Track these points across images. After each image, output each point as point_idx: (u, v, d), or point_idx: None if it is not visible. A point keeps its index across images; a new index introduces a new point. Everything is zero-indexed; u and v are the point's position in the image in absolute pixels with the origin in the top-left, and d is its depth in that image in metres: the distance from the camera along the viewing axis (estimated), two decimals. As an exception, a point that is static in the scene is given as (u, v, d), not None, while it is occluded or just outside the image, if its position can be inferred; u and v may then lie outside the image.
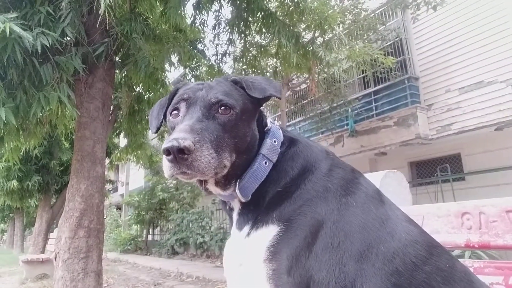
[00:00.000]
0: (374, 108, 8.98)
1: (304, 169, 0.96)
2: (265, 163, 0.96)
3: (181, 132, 0.85)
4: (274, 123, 1.08)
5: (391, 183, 1.60)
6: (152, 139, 13.56)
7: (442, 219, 1.19)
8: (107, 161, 8.53)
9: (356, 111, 9.23)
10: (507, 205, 1.05)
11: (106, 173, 7.21)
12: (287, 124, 10.79)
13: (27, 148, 6.57)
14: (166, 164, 0.85)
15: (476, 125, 7.19)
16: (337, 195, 0.91)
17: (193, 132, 0.85)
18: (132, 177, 19.99)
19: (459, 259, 0.98)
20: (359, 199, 0.92)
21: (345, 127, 9.32)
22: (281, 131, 1.06)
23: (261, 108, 1.08)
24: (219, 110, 0.93)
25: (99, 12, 3.57)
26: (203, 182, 0.99)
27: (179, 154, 0.81)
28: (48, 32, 3.53)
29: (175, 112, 1.00)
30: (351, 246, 0.84)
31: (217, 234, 10.98)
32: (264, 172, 0.95)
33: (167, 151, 0.82)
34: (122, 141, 10.42)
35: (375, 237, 0.86)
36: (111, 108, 6.43)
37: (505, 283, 1.00)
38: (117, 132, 9.09)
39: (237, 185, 0.95)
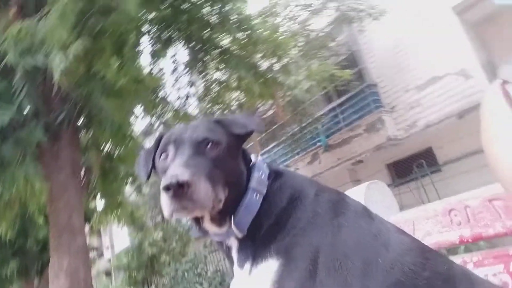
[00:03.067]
0: (342, 120, 9.21)
1: (292, 198, 0.97)
2: (256, 196, 0.97)
3: (177, 168, 0.87)
4: (258, 158, 1.09)
5: (374, 194, 1.62)
6: (130, 196, 13.22)
7: (431, 220, 1.21)
8: (86, 228, 8.19)
9: (325, 127, 9.44)
10: (487, 194, 1.08)
11: (88, 241, 6.89)
12: (262, 152, 10.84)
13: (-1, 234, 6.23)
14: (166, 202, 0.86)
15: (439, 117, 7.51)
16: (327, 218, 0.92)
17: (188, 167, 0.87)
18: (116, 239, 19.21)
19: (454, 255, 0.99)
20: (350, 218, 0.93)
21: (318, 144, 9.47)
22: (265, 165, 1.08)
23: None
24: (207, 147, 0.96)
25: (54, 80, 3.54)
26: (199, 221, 0.99)
27: (179, 189, 0.83)
28: (4, 109, 3.46)
29: (164, 155, 1.02)
30: (351, 265, 0.84)
31: (215, 278, 10.62)
32: (256, 205, 0.96)
33: (167, 188, 0.83)
34: (99, 204, 10.07)
35: (372, 252, 0.87)
36: (82, 173, 6.27)
37: (506, 270, 1.01)
38: (92, 195, 8.81)
39: (232, 221, 0.95)
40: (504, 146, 0.63)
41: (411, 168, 8.68)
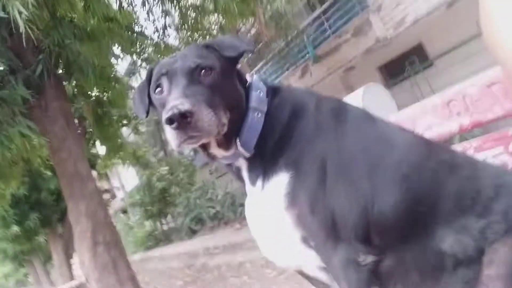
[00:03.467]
0: (328, 27, 8.86)
1: (294, 112, 0.98)
2: (258, 114, 0.98)
3: (177, 99, 0.85)
4: (253, 77, 1.07)
5: (371, 97, 1.63)
6: (128, 136, 13.30)
7: (430, 114, 1.23)
8: (94, 173, 8.40)
9: (312, 37, 9.12)
10: (486, 80, 1.08)
11: (98, 184, 7.11)
12: (250, 72, 10.63)
13: (13, 192, 6.40)
14: (171, 134, 0.86)
15: (428, 9, 7.20)
16: (330, 126, 0.94)
17: (187, 96, 0.86)
18: (125, 179, 19.82)
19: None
20: (352, 124, 0.95)
21: (307, 56, 9.24)
22: (262, 83, 1.06)
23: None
24: (201, 74, 0.94)
25: (20, 31, 3.31)
26: (206, 147, 1.01)
27: (182, 120, 0.82)
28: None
29: (158, 89, 0.99)
30: (358, 168, 0.88)
31: (226, 200, 11.19)
32: (259, 123, 0.97)
33: (170, 120, 0.82)
34: (100, 149, 10.20)
35: (377, 153, 0.91)
36: (76, 122, 6.21)
37: (505, 151, 1.06)
38: (91, 142, 8.85)
39: (238, 142, 0.97)
40: (506, 23, 0.61)
41: (404, 67, 8.61)
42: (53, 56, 4.36)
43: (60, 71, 4.97)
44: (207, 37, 7.29)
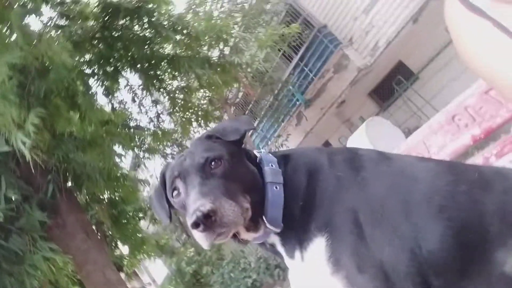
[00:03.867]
0: (309, 72, 9.19)
1: (310, 174, 0.97)
2: (276, 187, 0.97)
3: (196, 201, 0.85)
4: (261, 151, 1.08)
5: (375, 131, 1.64)
6: (147, 228, 13.17)
7: (439, 133, 1.22)
8: (122, 276, 8.19)
9: (297, 85, 9.43)
10: (482, 87, 1.09)
11: (130, 286, 6.88)
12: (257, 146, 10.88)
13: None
14: (200, 237, 0.86)
15: (396, 29, 7.53)
16: (350, 177, 0.93)
17: (205, 195, 0.86)
18: (154, 272, 19.28)
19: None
20: (370, 168, 0.94)
21: (298, 103, 9.48)
22: (270, 154, 1.07)
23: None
24: (212, 166, 0.94)
25: (27, 160, 3.44)
26: (236, 235, 0.99)
27: (207, 220, 0.82)
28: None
29: (175, 192, 1.00)
30: (391, 211, 0.85)
31: (260, 266, 10.78)
32: (280, 196, 0.96)
33: (196, 224, 0.82)
34: (123, 248, 10.04)
35: (404, 190, 0.88)
36: (94, 229, 6.21)
37: (526, 150, 1.04)
38: (113, 244, 8.76)
39: (265, 221, 0.95)
40: (479, 53, 0.62)
41: (392, 88, 8.78)
42: (61, 172, 4.48)
43: (70, 184, 5.08)
44: (199, 113, 7.55)
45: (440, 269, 0.80)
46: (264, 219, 0.95)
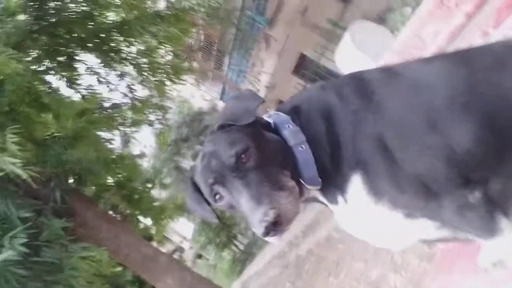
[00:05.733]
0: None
1: (325, 117, 0.94)
2: (301, 147, 0.94)
3: (254, 211, 0.83)
4: (270, 114, 1.03)
5: (360, 37, 1.57)
6: (160, 194, 13.45)
7: (431, 21, 1.17)
8: (154, 245, 8.59)
9: (254, 8, 8.98)
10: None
11: (165, 251, 7.19)
12: (224, 70, 10.60)
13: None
14: (274, 240, 0.87)
15: None
16: (365, 107, 0.90)
17: (259, 200, 0.84)
18: (182, 230, 20.14)
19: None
20: (381, 90, 0.91)
21: (261, 26, 9.12)
22: (280, 113, 1.02)
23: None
24: (243, 161, 0.90)
25: (24, 178, 3.38)
26: None
27: (275, 226, 0.82)
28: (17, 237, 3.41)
29: (218, 196, 0.96)
30: (416, 127, 0.84)
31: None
32: (309, 155, 0.94)
33: (267, 233, 0.82)
34: (146, 221, 10.37)
35: (423, 102, 0.86)
36: (113, 214, 6.35)
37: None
38: (136, 221, 9.03)
39: (305, 185, 0.95)
40: None
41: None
42: (61, 176, 4.44)
43: (74, 184, 5.07)
44: (169, 70, 7.25)
45: (478, 163, 0.81)
46: (303, 183, 0.94)
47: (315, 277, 5.36)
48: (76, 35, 4.90)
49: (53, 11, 4.58)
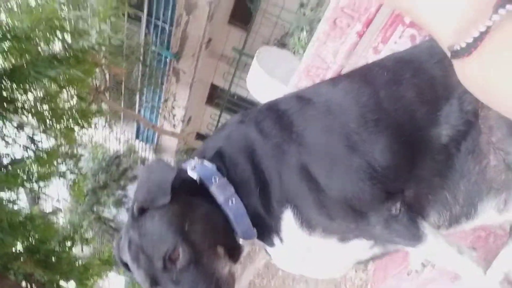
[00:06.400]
0: (164, 24, 8.68)
1: (251, 156, 0.92)
2: (231, 202, 0.91)
3: None
4: (194, 166, 0.96)
5: (266, 61, 1.64)
6: (82, 251, 12.24)
7: (328, 41, 1.27)
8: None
9: (158, 42, 8.93)
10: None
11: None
12: (137, 109, 10.24)
13: None
14: None
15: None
16: (286, 138, 0.91)
17: None
18: (113, 285, 18.48)
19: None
20: (298, 120, 0.92)
21: (168, 59, 9.10)
22: (205, 162, 0.96)
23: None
24: (173, 260, 0.86)
25: None
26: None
27: None
28: None
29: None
30: (337, 150, 0.87)
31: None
32: (240, 208, 0.91)
33: None
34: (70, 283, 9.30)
35: (339, 125, 0.89)
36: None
37: (404, 25, 1.15)
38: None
39: (240, 241, 0.93)
40: None
41: (247, 7, 8.78)
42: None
43: None
44: (75, 115, 6.75)
45: (395, 174, 0.86)
46: (238, 239, 0.92)
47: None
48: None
49: None
